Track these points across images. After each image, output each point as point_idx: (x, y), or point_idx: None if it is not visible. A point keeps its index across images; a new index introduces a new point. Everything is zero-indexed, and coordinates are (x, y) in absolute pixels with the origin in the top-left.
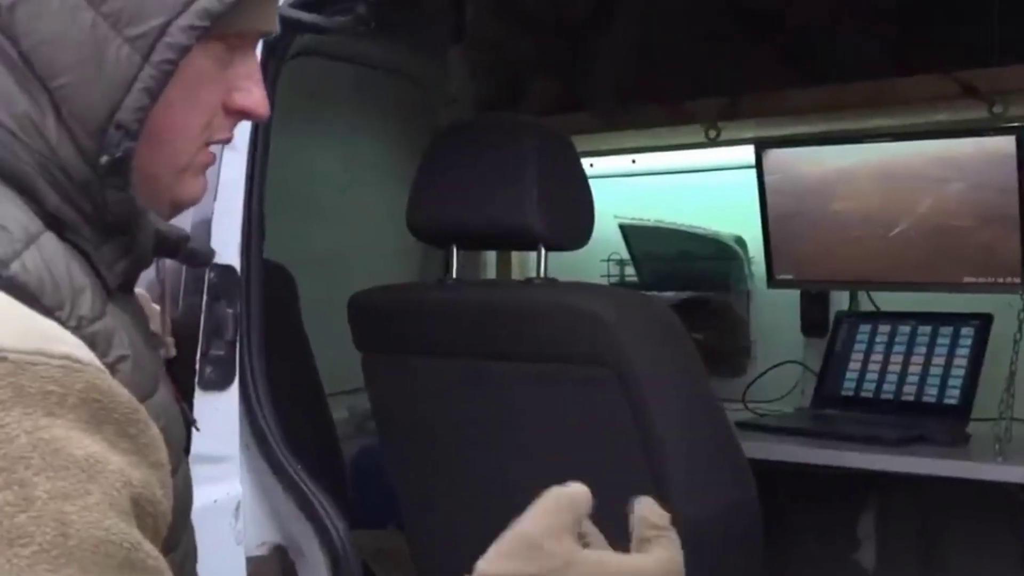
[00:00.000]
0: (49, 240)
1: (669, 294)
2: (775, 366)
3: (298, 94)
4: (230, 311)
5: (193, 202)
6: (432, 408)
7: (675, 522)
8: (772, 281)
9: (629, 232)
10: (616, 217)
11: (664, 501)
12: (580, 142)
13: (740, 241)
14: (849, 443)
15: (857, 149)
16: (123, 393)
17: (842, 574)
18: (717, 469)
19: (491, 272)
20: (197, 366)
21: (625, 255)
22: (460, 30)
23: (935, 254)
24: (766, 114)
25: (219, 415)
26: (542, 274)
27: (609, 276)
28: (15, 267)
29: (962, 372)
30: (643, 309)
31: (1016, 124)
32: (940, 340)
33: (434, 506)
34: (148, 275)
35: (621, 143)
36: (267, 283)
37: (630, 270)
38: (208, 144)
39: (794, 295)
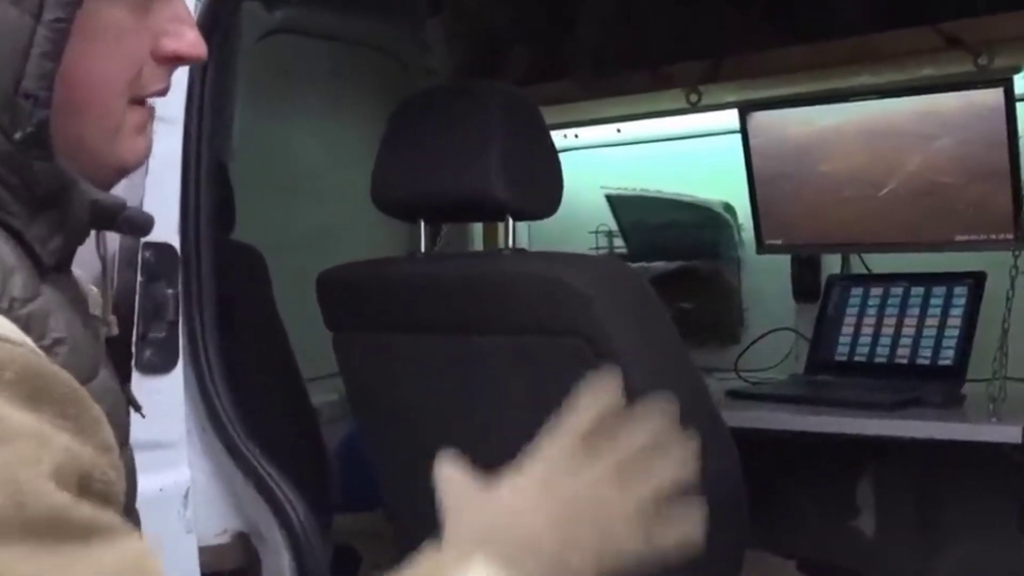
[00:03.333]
0: None
1: (659, 264)
2: (767, 333)
3: (274, 73)
4: (170, 291)
5: (138, 163)
6: (406, 386)
7: None
8: (761, 247)
9: (616, 202)
10: (603, 188)
11: None
12: (563, 112)
13: (729, 208)
14: (844, 409)
15: (842, 108)
16: (61, 373)
17: (842, 542)
18: (697, 440)
19: (478, 245)
20: (134, 349)
21: (613, 226)
22: (437, 1)
23: (926, 213)
24: (748, 76)
25: (162, 399)
26: (511, 244)
27: (598, 248)
28: None
29: (956, 332)
30: (614, 276)
31: (1003, 76)
32: (933, 301)
33: (414, 485)
34: (88, 252)
35: (604, 112)
36: (235, 264)
37: (619, 241)
38: (141, 100)
39: (785, 261)
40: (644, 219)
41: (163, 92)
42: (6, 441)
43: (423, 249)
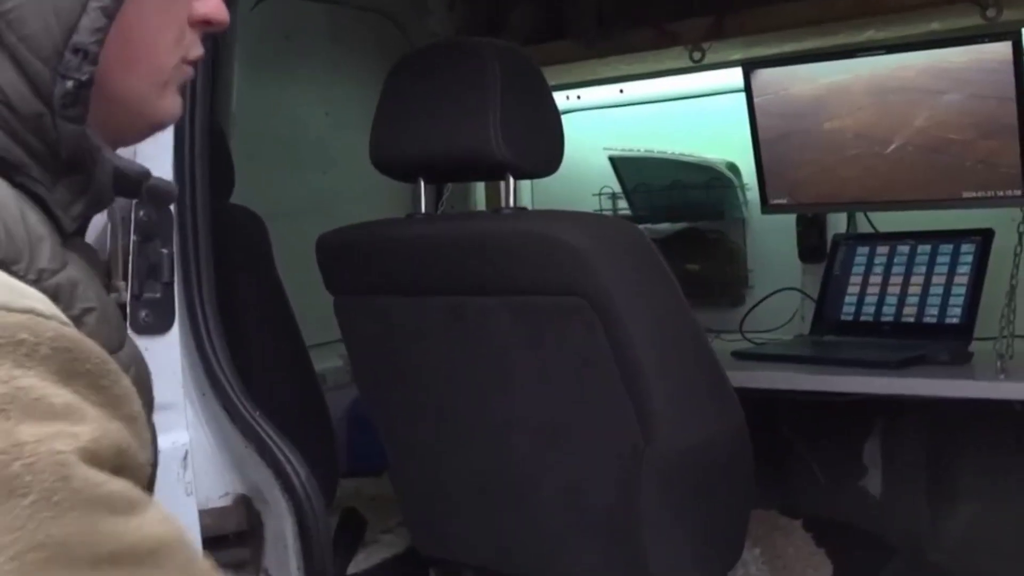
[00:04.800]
0: (1, 190)
1: (663, 226)
2: (773, 293)
3: (273, 37)
4: (165, 251)
5: (173, 121)
6: (407, 347)
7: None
8: (766, 206)
9: (619, 164)
10: (606, 149)
11: (647, 432)
12: (565, 73)
13: (733, 167)
14: (851, 368)
15: (848, 64)
16: (93, 345)
17: (848, 501)
18: (700, 398)
19: (481, 206)
20: (128, 309)
21: (617, 188)
22: None
23: (933, 169)
24: (753, 32)
25: (158, 360)
26: (511, 203)
27: (602, 210)
28: None
29: (963, 290)
30: (615, 234)
31: (1012, 29)
32: (940, 259)
33: (417, 447)
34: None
35: (606, 72)
36: (235, 228)
37: (623, 203)
38: (185, 61)
39: (790, 220)
40: (648, 180)
41: (200, 59)
42: (45, 418)
43: (423, 210)
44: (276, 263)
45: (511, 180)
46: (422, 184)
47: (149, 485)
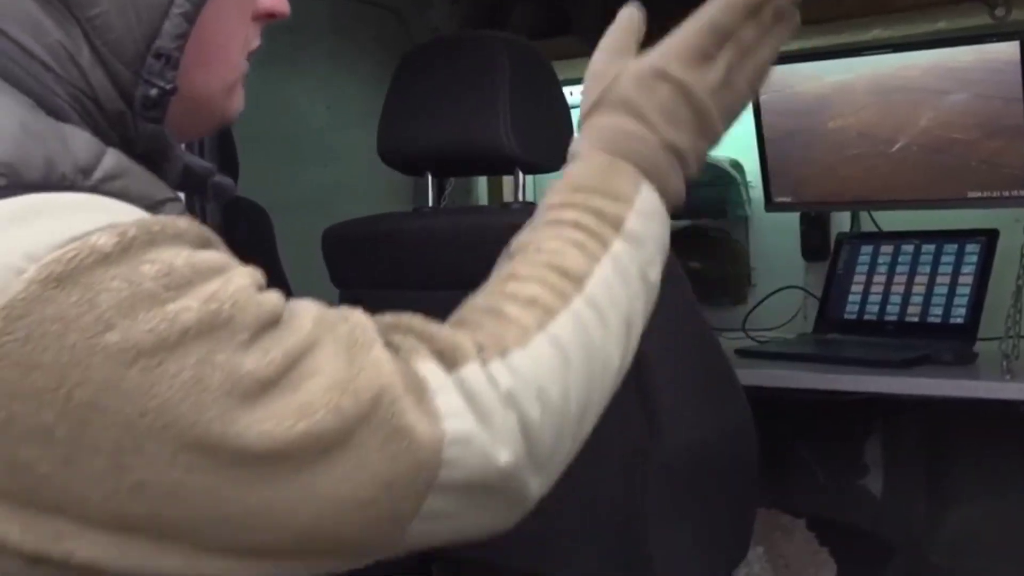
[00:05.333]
0: (119, 153)
1: None
2: (776, 292)
3: (277, 30)
4: None
5: (237, 116)
6: None
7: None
8: (770, 204)
9: None
10: None
11: (653, 429)
12: (568, 68)
13: (736, 165)
14: (855, 366)
15: (854, 63)
16: (199, 226)
17: (849, 500)
18: (709, 397)
19: (483, 200)
20: None
21: None
22: None
23: (938, 169)
24: None
25: None
26: (520, 198)
27: None
28: (98, 175)
29: (968, 290)
30: None
31: (1019, 28)
32: (944, 258)
33: None
34: None
35: None
36: (240, 220)
37: None
38: (248, 55)
39: (793, 219)
40: None
41: (256, 51)
42: (219, 273)
43: (430, 203)
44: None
45: (520, 175)
46: (429, 178)
47: None
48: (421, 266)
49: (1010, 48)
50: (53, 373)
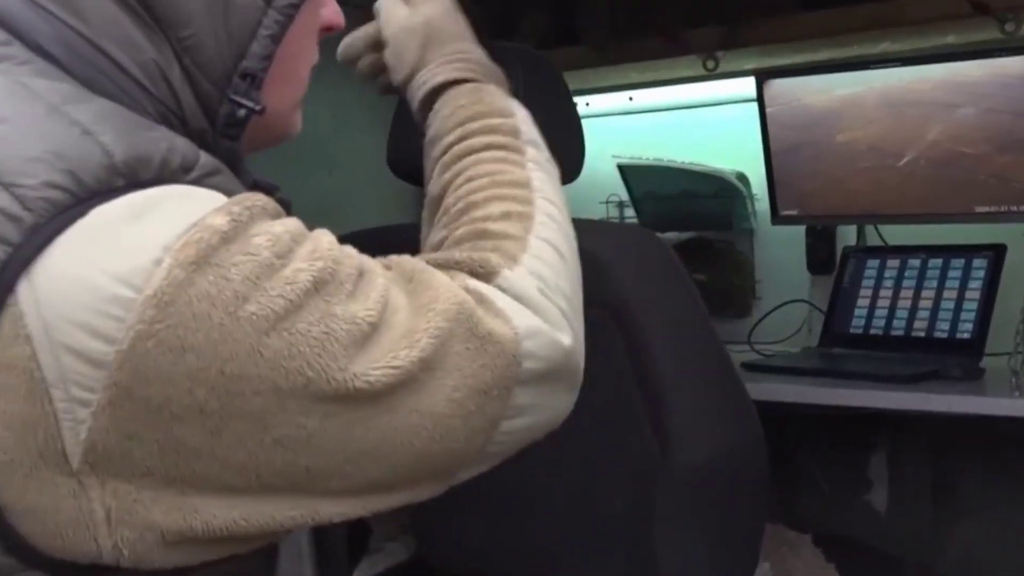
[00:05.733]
0: (211, 157)
1: (671, 235)
2: (781, 305)
3: None
4: None
5: (296, 134)
6: None
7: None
8: (776, 217)
9: (628, 172)
10: (615, 157)
11: (664, 445)
12: (574, 79)
13: (742, 177)
14: (862, 381)
15: (862, 76)
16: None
17: (854, 516)
18: (719, 413)
19: None
20: None
21: (625, 196)
22: None
23: (946, 184)
24: (767, 42)
25: None
26: None
27: (609, 218)
28: (196, 173)
29: (975, 305)
30: (640, 246)
31: None
32: (951, 273)
33: None
34: None
35: (617, 79)
36: None
37: (630, 212)
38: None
39: (799, 232)
40: (656, 189)
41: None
42: (305, 232)
43: None
44: None
45: None
46: None
47: None
48: None
49: (1020, 63)
50: (206, 352)
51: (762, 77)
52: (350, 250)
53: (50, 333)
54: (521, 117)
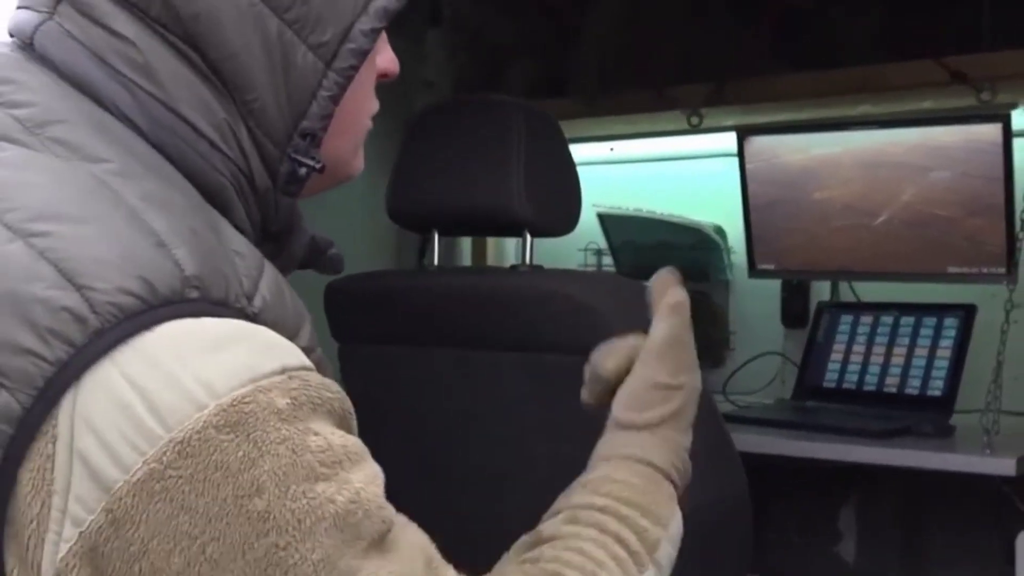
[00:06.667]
0: (270, 266)
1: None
2: (755, 357)
3: None
4: None
5: (357, 175)
6: (415, 399)
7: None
8: (753, 271)
9: (607, 221)
10: (594, 206)
11: None
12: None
13: (720, 230)
14: (838, 435)
15: (840, 137)
16: (340, 389)
17: (823, 566)
18: (709, 462)
19: (466, 259)
20: None
21: (603, 244)
22: (437, 13)
23: (919, 243)
24: (751, 100)
25: None
26: (527, 261)
27: (587, 265)
28: (258, 302)
29: (946, 363)
30: (634, 296)
31: (1003, 112)
32: (923, 331)
33: (418, 498)
34: None
35: (602, 129)
36: None
37: (608, 259)
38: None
39: (774, 285)
40: (634, 238)
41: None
42: (357, 464)
43: (435, 261)
44: None
45: (528, 237)
46: (436, 236)
47: None
48: (424, 324)
49: (993, 130)
50: (199, 521)
51: (744, 134)
52: (390, 509)
53: (74, 439)
54: (671, 536)
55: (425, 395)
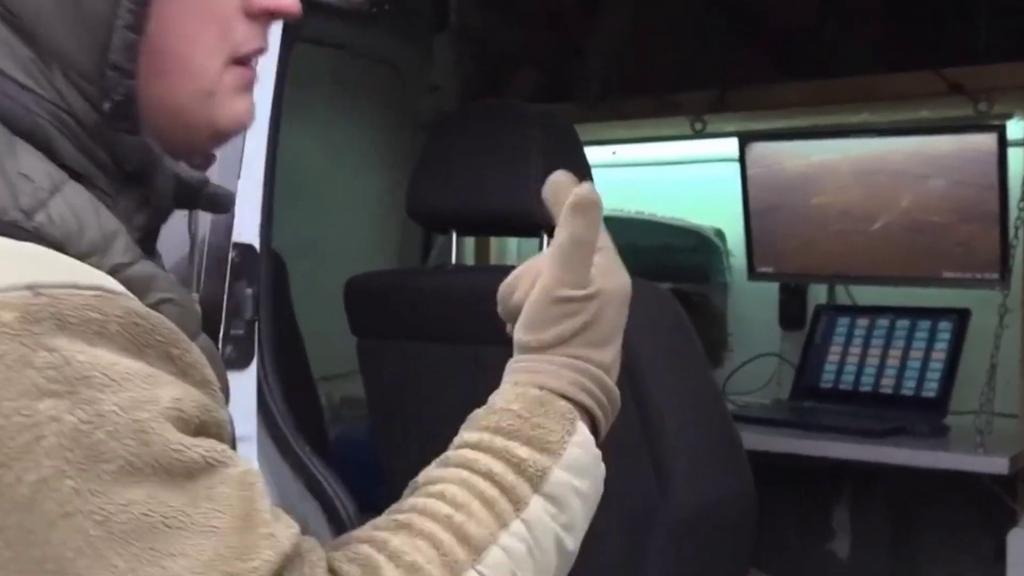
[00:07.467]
0: (74, 187)
1: None
2: (753, 358)
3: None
4: (249, 291)
5: (235, 127)
6: (431, 394)
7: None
8: (752, 274)
9: (608, 223)
10: None
11: (664, 489)
12: None
13: (719, 233)
14: (835, 434)
15: (839, 144)
16: (161, 317)
17: (817, 563)
18: (718, 459)
19: (469, 258)
20: (220, 346)
21: None
22: (443, 18)
23: (914, 249)
24: (752, 108)
25: (239, 394)
26: None
27: None
28: (40, 217)
29: (940, 366)
30: (647, 297)
31: (998, 122)
32: (918, 334)
33: None
34: (179, 256)
35: (605, 134)
36: (266, 268)
37: None
38: (237, 60)
39: (772, 288)
40: (635, 240)
41: (261, 51)
42: (121, 385)
43: (453, 260)
44: None
45: (545, 237)
46: (454, 235)
47: (232, 447)
48: (445, 321)
49: (989, 139)
50: None
51: (745, 139)
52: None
53: None
54: (566, 463)
55: (440, 389)
